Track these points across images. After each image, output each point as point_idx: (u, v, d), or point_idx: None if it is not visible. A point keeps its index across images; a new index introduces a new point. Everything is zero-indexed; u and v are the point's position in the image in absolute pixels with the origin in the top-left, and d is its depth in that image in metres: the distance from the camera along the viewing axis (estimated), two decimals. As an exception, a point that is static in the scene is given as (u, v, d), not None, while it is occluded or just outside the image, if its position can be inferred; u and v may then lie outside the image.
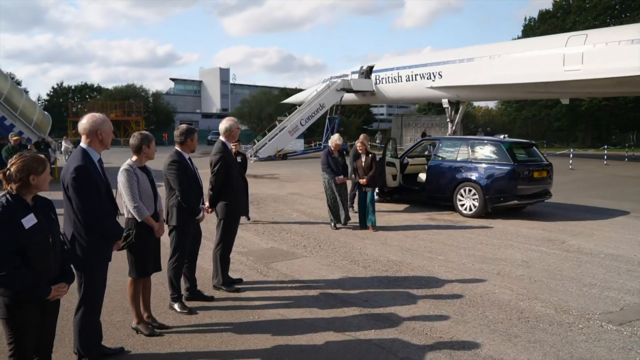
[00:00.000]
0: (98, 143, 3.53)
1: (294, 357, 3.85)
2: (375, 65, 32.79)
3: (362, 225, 8.72)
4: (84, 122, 3.50)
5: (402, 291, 5.44)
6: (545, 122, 46.60)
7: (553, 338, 4.23)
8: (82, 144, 3.51)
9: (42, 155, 2.86)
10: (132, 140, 4.21)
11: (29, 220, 2.69)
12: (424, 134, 29.36)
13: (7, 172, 2.68)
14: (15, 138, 11.12)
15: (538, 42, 26.04)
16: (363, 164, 8.75)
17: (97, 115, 3.58)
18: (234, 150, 8.12)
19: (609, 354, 3.95)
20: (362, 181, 8.60)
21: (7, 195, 2.68)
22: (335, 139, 8.96)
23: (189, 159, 4.85)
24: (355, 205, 10.81)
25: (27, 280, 2.65)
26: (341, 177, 8.75)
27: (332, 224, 8.79)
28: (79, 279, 3.46)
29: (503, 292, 5.40)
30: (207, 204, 5.26)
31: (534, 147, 10.88)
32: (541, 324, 4.53)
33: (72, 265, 3.22)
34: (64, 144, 23.42)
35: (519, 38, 41.88)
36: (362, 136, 9.96)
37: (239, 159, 8.13)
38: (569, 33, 24.51)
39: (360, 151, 8.92)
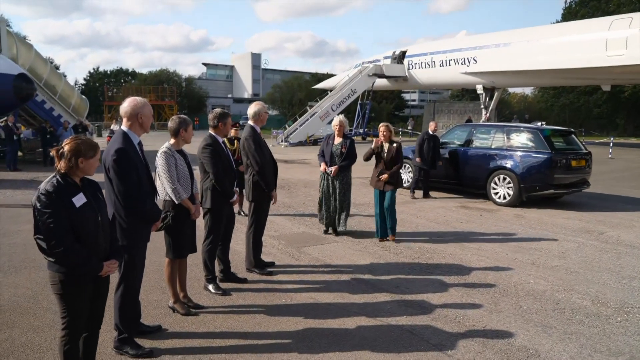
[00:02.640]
0: (138, 126, 3.62)
1: (326, 340, 3.89)
2: (408, 50, 32.24)
3: (379, 234, 6.99)
4: (126, 106, 3.60)
5: (434, 278, 5.41)
6: (584, 110, 45.06)
7: (590, 330, 4.15)
8: (123, 127, 3.61)
9: (96, 142, 2.95)
10: (171, 123, 4.30)
11: (79, 199, 2.78)
12: (468, 120, 28.68)
13: (61, 150, 2.78)
14: None
15: (579, 25, 24.99)
16: (385, 155, 6.96)
17: (139, 99, 3.67)
18: (233, 135, 8.02)
19: (649, 348, 3.85)
20: (384, 177, 6.85)
21: (58, 176, 2.78)
22: (335, 121, 7.21)
23: (224, 142, 4.93)
24: (417, 192, 10.78)
25: (81, 256, 2.76)
26: (331, 168, 6.94)
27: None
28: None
29: (538, 283, 5.31)
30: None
31: (573, 135, 10.57)
32: (577, 316, 4.44)
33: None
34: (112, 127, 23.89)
35: (558, 22, 40.40)
36: (411, 118, 9.70)
37: (236, 144, 7.75)
38: (613, 16, 23.47)
39: (382, 139, 6.99)
